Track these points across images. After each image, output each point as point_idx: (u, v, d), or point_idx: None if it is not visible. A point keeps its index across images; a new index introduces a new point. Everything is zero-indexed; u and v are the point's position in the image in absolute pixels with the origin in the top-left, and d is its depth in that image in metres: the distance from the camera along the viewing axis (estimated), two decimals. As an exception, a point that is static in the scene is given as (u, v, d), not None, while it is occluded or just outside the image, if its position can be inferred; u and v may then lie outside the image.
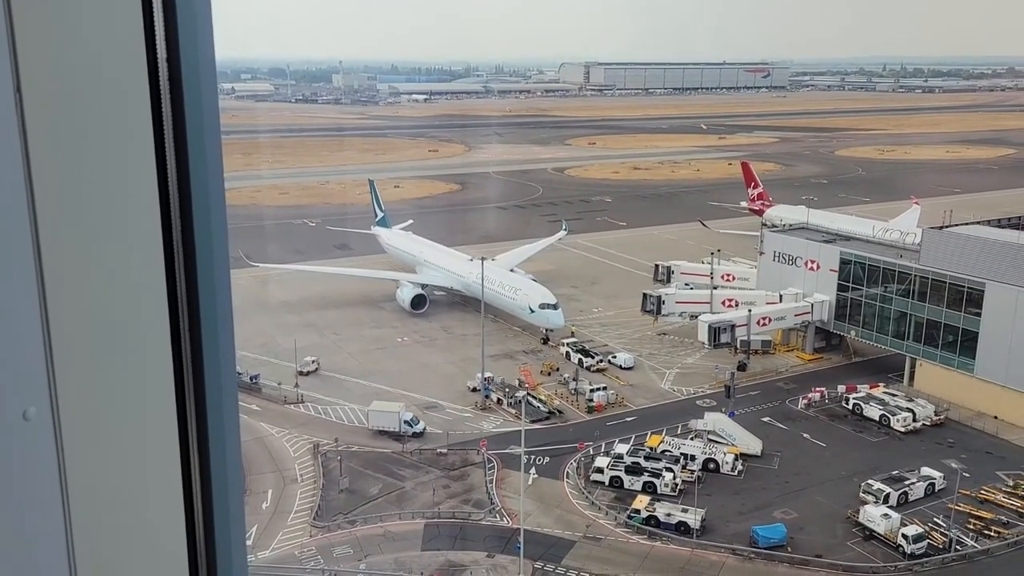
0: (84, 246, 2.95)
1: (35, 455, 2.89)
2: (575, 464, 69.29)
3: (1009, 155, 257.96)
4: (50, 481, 2.94)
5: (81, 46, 2.87)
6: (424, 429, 73.02)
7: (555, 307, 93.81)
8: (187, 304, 3.34)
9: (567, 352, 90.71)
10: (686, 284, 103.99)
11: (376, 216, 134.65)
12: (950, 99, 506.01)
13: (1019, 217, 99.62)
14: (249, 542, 57.54)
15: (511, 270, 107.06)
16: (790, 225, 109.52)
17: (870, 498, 62.59)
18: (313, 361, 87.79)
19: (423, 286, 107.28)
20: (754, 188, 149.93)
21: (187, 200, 3.27)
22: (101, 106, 2.95)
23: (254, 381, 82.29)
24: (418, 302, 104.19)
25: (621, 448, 69.22)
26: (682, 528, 59.85)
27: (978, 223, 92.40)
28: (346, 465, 68.29)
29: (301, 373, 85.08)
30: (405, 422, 72.21)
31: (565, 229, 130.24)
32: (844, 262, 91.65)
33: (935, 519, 60.87)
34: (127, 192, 3.07)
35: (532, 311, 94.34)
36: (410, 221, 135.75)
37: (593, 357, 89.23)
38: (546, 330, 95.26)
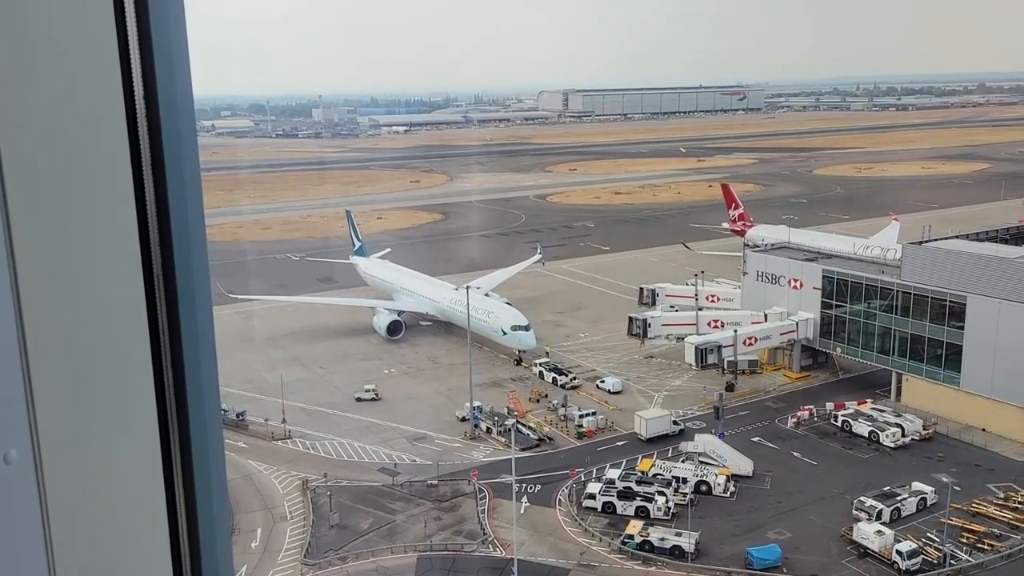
0: (64, 284, 2.92)
1: (17, 498, 2.84)
2: (567, 491, 68.88)
3: (984, 169, 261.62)
4: (32, 525, 2.89)
5: (58, 84, 2.86)
6: (683, 428, 78.45)
7: (527, 328, 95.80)
8: (169, 341, 3.30)
9: (540, 372, 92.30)
10: (671, 306, 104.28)
11: (354, 246, 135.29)
12: (923, 116, 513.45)
13: (996, 230, 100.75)
14: (239, 582, 56.64)
15: (486, 294, 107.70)
16: (772, 245, 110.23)
17: (863, 515, 62.53)
18: (369, 389, 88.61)
19: (399, 312, 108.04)
20: (735, 209, 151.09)
21: (167, 236, 3.25)
22: (79, 144, 2.93)
23: (240, 418, 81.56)
24: (394, 328, 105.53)
25: (613, 473, 68.95)
26: (676, 552, 59.51)
27: (956, 237, 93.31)
28: (336, 500, 67.57)
29: (359, 399, 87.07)
30: (673, 422, 78.80)
31: (540, 253, 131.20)
32: (827, 280, 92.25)
33: (928, 534, 60.84)
34: (107, 230, 3.04)
35: (505, 333, 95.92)
36: (387, 250, 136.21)
37: (566, 375, 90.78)
38: (519, 351, 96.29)
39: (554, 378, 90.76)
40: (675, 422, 79.47)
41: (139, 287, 3.15)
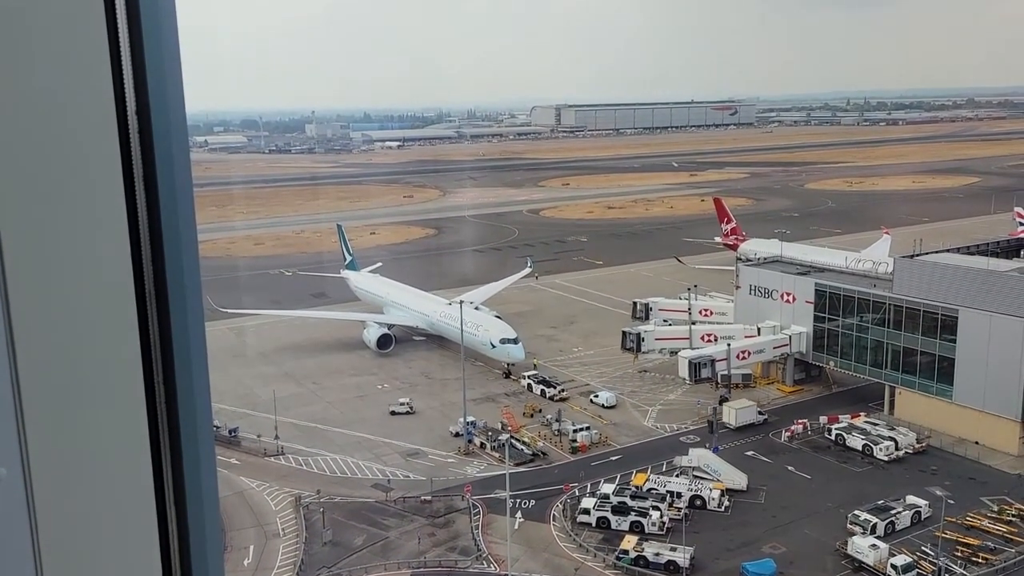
0: (55, 300, 2.91)
1: (6, 517, 2.81)
2: (561, 506, 68.65)
3: (974, 183, 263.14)
4: (22, 543, 2.86)
5: (50, 99, 2.85)
6: (767, 419, 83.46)
7: (515, 341, 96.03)
8: (161, 356, 3.28)
9: (529, 384, 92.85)
10: (664, 320, 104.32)
11: (345, 260, 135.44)
12: (913, 130, 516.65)
13: (987, 243, 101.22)
14: (231, 600, 56.17)
15: (476, 308, 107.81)
16: (764, 258, 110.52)
17: (857, 529, 62.44)
18: (403, 403, 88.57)
19: (389, 326, 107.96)
20: (727, 223, 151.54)
21: (159, 251, 3.24)
22: (70, 159, 2.92)
23: (232, 434, 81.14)
24: (384, 342, 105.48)
25: (607, 488, 68.72)
26: (671, 567, 59.26)
27: (948, 251, 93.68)
28: (329, 517, 67.18)
29: (393, 413, 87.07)
30: (758, 412, 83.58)
31: (530, 266, 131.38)
32: (819, 293, 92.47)
33: (923, 548, 60.74)
34: (98, 245, 3.03)
35: (493, 346, 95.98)
36: (378, 264, 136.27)
37: (554, 387, 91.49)
38: (508, 364, 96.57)
39: (542, 390, 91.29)
40: (760, 412, 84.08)
41: (131, 302, 3.14)
